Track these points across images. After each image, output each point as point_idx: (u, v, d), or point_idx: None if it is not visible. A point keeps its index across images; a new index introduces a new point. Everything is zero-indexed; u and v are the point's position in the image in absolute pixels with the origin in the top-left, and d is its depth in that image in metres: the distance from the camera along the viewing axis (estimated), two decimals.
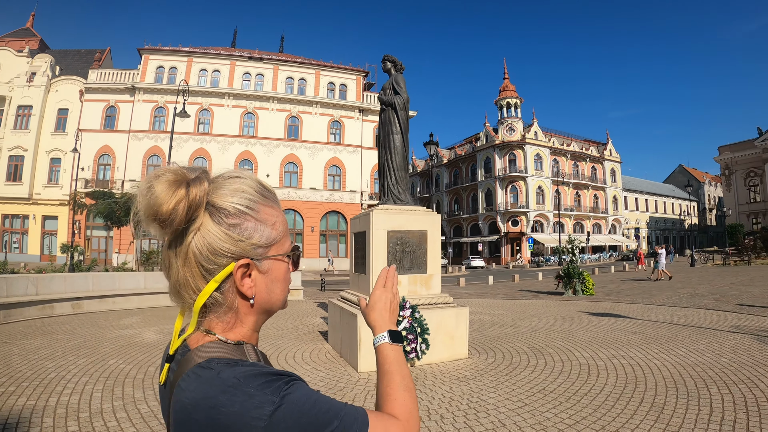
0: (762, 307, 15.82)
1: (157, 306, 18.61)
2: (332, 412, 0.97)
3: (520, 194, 73.66)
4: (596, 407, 6.35)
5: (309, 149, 55.12)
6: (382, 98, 10.32)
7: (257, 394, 0.92)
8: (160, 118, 51.30)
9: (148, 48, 53.10)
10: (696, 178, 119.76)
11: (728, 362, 8.41)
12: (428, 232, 9.58)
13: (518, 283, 32.09)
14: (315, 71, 58.00)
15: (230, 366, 0.98)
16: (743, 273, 32.68)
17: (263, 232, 1.10)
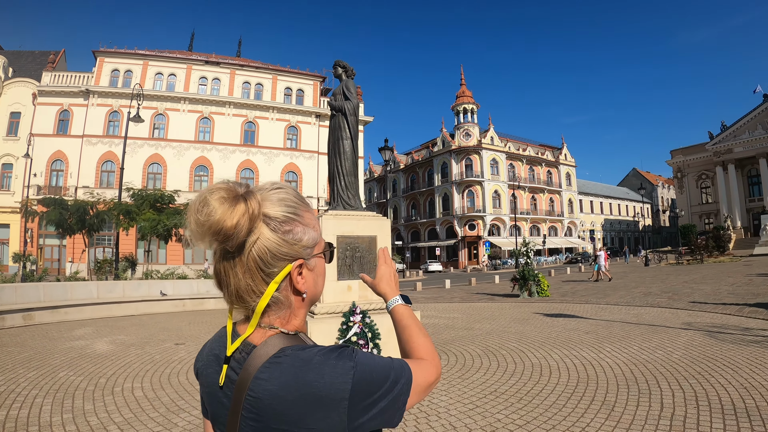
0: (713, 303, 15.99)
1: (110, 316, 18.19)
2: (387, 365, 1.17)
3: (477, 198, 74.15)
4: (547, 407, 6.28)
5: (265, 155, 54.47)
6: (333, 104, 10.17)
7: (338, 363, 1.09)
8: (114, 122, 49.74)
9: (104, 50, 51.54)
10: (649, 181, 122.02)
11: (679, 358, 8.44)
12: (378, 236, 9.47)
13: (475, 286, 32.16)
14: (272, 76, 57.45)
15: (303, 350, 1.13)
16: (696, 271, 33.14)
17: (309, 234, 1.23)
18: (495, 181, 75.88)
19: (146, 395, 7.47)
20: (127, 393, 7.59)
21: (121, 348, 11.56)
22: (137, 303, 19.54)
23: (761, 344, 9.29)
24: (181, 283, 22.08)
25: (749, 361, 7.98)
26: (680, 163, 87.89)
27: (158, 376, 8.70)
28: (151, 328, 15.06)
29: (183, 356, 10.49)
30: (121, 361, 9.94)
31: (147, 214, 28.58)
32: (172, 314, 19.22)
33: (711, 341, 9.81)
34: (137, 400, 7.23)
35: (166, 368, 9.29)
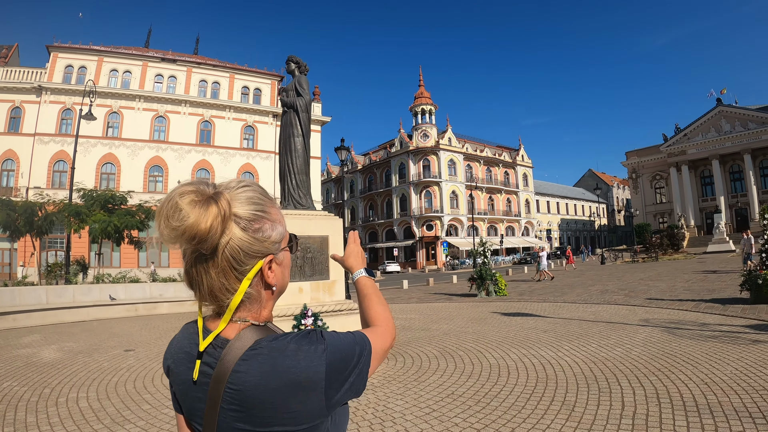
0: (669, 300, 16.13)
1: (60, 322, 17.67)
2: (352, 341, 1.25)
3: (435, 199, 74.46)
4: (506, 409, 6.09)
5: (222, 155, 53.44)
6: (284, 100, 9.87)
7: (311, 348, 1.15)
8: (67, 120, 47.71)
9: (58, 45, 49.52)
10: (605, 182, 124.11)
11: (638, 355, 8.35)
12: (330, 237, 9.23)
13: (433, 286, 32.08)
14: (229, 75, 56.46)
15: (276, 339, 1.17)
16: (651, 269, 33.66)
17: (277, 229, 1.25)
18: (452, 182, 76.29)
19: (91, 406, 7.15)
20: (72, 404, 7.27)
21: (68, 356, 11.18)
22: (88, 308, 19.02)
23: (719, 339, 9.28)
24: (133, 286, 21.59)
25: (708, 357, 7.93)
26: (635, 164, 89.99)
27: (105, 385, 8.37)
28: (101, 335, 14.64)
29: (131, 363, 10.14)
30: (67, 370, 9.59)
31: (97, 216, 27.74)
32: (124, 319, 18.75)
33: (669, 337, 9.76)
34: (81, 411, 6.91)
35: (113, 376, 8.96)
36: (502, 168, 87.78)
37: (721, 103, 74.23)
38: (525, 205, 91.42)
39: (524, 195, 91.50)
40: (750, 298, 14.09)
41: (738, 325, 10.80)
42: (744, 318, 11.67)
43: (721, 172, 74.97)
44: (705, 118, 75.77)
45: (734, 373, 6.89)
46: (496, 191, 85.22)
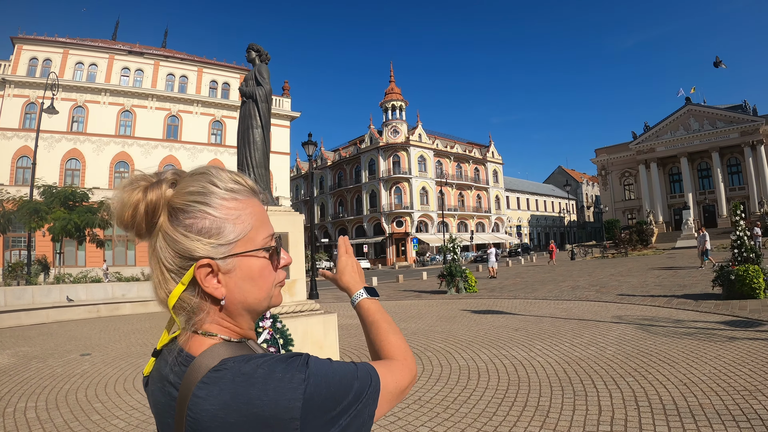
0: (641, 296, 16.01)
1: (18, 325, 17.14)
2: (350, 374, 1.00)
3: (404, 195, 74.31)
4: (476, 416, 5.75)
5: (189, 150, 52.61)
6: (243, 90, 9.41)
7: (285, 377, 0.91)
8: (31, 114, 46.08)
9: (22, 37, 48.23)
10: (574, 179, 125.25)
11: (613, 354, 8.10)
12: (290, 233, 8.78)
13: (402, 283, 31.66)
14: (197, 68, 55.47)
15: (246, 361, 0.95)
16: (621, 264, 33.83)
17: (224, 228, 1.03)
18: (423, 178, 76.21)
19: (39, 416, 6.81)
20: (19, 414, 6.93)
21: (22, 361, 10.77)
22: (48, 310, 18.46)
23: (695, 336, 9.08)
24: (94, 286, 21.02)
25: (685, 355, 7.69)
26: (604, 161, 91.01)
27: (56, 393, 7.99)
28: (59, 338, 14.20)
29: (86, 369, 9.74)
30: (19, 377, 9.21)
31: (57, 213, 26.96)
32: (84, 321, 18.21)
33: (644, 335, 9.55)
34: (28, 422, 6.56)
35: (65, 383, 8.59)
36: (472, 164, 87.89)
37: (690, 102, 75.27)
38: (495, 201, 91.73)
39: (494, 191, 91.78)
40: (722, 293, 14.01)
41: (712, 321, 10.64)
42: (718, 314, 11.53)
43: (689, 169, 76.07)
44: (674, 116, 76.85)
45: (713, 372, 6.66)
46: (467, 187, 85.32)
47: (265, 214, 1.12)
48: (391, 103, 76.85)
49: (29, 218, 26.44)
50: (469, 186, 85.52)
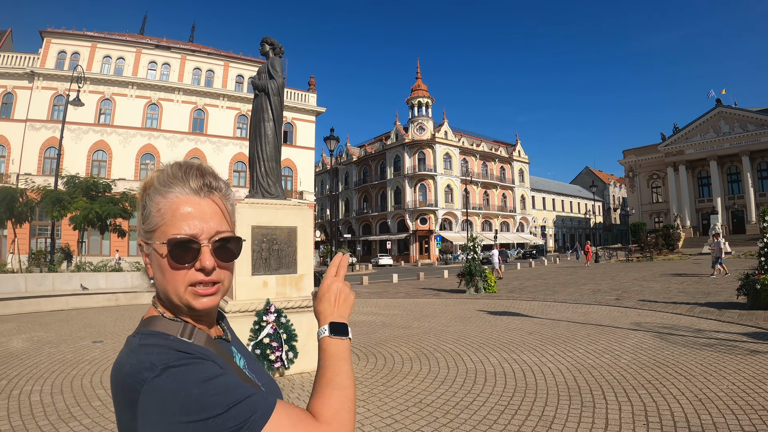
0: (663, 302, 15.62)
1: (38, 311, 17.36)
2: (225, 396, 0.96)
3: (429, 193, 73.97)
4: (476, 423, 5.53)
5: (214, 144, 52.83)
6: (256, 83, 9.32)
7: (145, 360, 0.99)
8: (59, 106, 46.20)
9: (51, 31, 48.77)
10: (601, 180, 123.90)
11: (628, 363, 7.82)
12: (299, 228, 8.64)
13: (423, 281, 31.56)
14: (224, 63, 55.66)
15: (147, 336, 1.08)
16: (645, 269, 33.28)
17: (150, 217, 1.13)
18: (448, 176, 75.93)
19: (42, 400, 6.88)
20: (24, 397, 7.00)
21: (35, 346, 10.88)
22: (68, 297, 18.64)
23: (714, 348, 8.73)
24: (115, 275, 21.09)
25: (703, 368, 7.37)
26: (632, 162, 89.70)
27: (62, 378, 8.10)
28: (75, 324, 14.30)
29: (96, 356, 9.80)
30: (30, 361, 9.35)
31: (79, 203, 27.15)
32: (102, 309, 18.34)
33: (662, 344, 9.22)
34: (32, 405, 6.66)
35: (73, 369, 8.67)
36: (498, 163, 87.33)
37: (720, 104, 73.86)
38: (520, 200, 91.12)
39: (520, 191, 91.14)
40: (747, 303, 13.57)
41: (734, 332, 10.25)
42: (741, 324, 11.14)
43: (718, 173, 74.65)
44: (704, 118, 75.39)
45: (731, 388, 6.33)
46: (492, 186, 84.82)
47: (192, 214, 1.13)
48: (417, 99, 76.41)
49: (52, 207, 26.66)
50: (494, 185, 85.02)
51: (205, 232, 1.12)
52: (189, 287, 1.11)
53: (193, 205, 1.13)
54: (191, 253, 1.10)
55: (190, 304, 1.12)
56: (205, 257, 1.11)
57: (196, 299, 1.12)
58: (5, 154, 45.77)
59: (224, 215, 1.18)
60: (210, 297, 1.13)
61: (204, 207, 1.14)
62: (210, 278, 1.12)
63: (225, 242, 1.15)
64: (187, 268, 1.11)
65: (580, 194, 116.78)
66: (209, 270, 1.11)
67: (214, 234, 1.13)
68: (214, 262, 1.12)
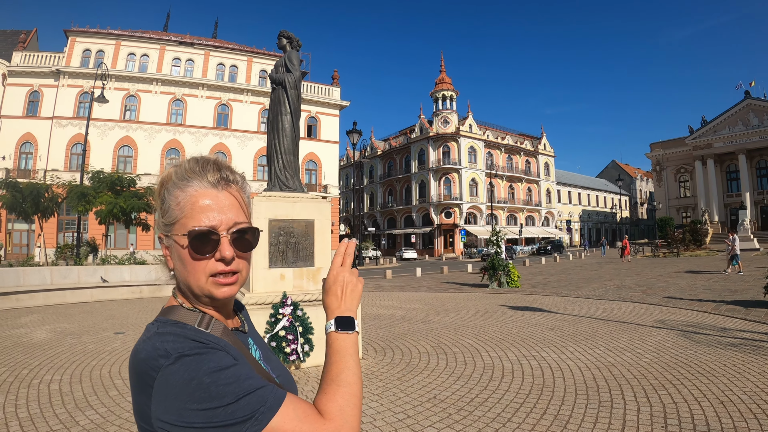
0: (688, 299, 15.33)
1: (63, 303, 17.56)
2: (235, 386, 0.99)
3: (454, 186, 73.70)
4: (489, 420, 5.45)
5: (239, 138, 53.22)
6: (273, 76, 9.33)
7: (161, 347, 1.03)
8: (85, 104, 47.25)
9: (75, 30, 49.72)
10: (628, 173, 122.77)
11: (649, 362, 7.66)
12: (316, 221, 8.62)
13: (446, 274, 31.41)
14: (247, 58, 56.06)
15: (165, 324, 1.11)
16: (672, 265, 32.80)
17: (169, 210, 1.17)
18: (472, 169, 75.47)
19: (61, 389, 7.06)
20: (43, 386, 7.18)
21: (58, 337, 11.08)
22: (92, 289, 18.90)
23: (739, 348, 8.52)
24: (138, 268, 21.34)
25: (727, 369, 7.18)
26: (659, 156, 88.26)
27: (81, 368, 8.26)
28: (98, 316, 14.49)
29: (116, 347, 9.96)
30: (52, 351, 9.54)
31: (104, 197, 27.50)
32: (126, 301, 18.58)
33: (685, 343, 9.03)
34: (50, 394, 6.83)
35: (93, 359, 8.84)
36: (523, 156, 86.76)
37: (749, 96, 72.30)
38: (546, 194, 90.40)
39: (545, 184, 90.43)
40: None
41: (761, 332, 9.98)
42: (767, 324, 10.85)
43: (747, 167, 73.14)
44: (732, 110, 73.82)
45: (754, 391, 6.13)
46: (517, 180, 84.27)
47: (210, 206, 1.17)
48: (441, 93, 76.10)
49: (77, 202, 27.00)
50: (519, 178, 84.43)
51: (224, 224, 1.16)
52: (210, 277, 1.15)
53: (211, 197, 1.17)
54: (211, 244, 1.14)
55: (212, 293, 1.15)
56: (225, 247, 1.15)
57: (217, 288, 1.16)
58: (33, 151, 46.86)
59: (241, 207, 1.22)
60: (230, 286, 1.17)
61: (222, 199, 1.18)
62: (229, 268, 1.16)
63: (243, 233, 1.19)
64: (208, 258, 1.15)
65: (606, 188, 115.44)
66: (229, 260, 1.15)
67: (233, 225, 1.17)
68: (234, 252, 1.16)
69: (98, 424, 5.60)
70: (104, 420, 5.75)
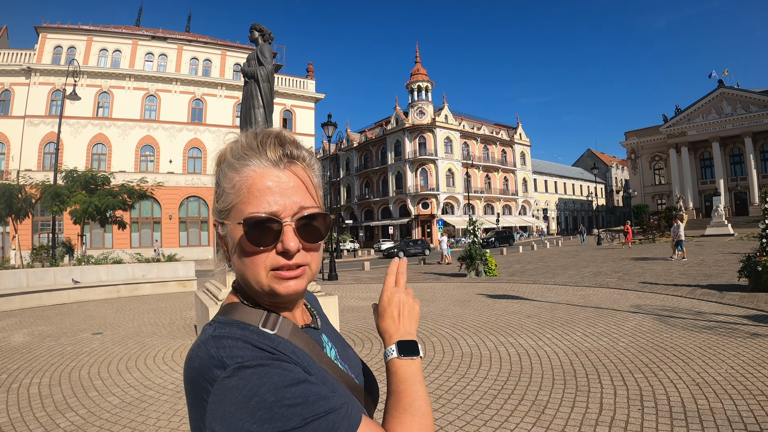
0: (664, 284, 15.54)
1: (40, 305, 17.34)
2: (303, 408, 0.85)
3: (431, 177, 73.86)
4: (468, 408, 5.51)
5: (214, 133, 52.75)
6: (245, 70, 9.34)
7: (216, 356, 0.90)
8: (57, 101, 46.37)
9: (46, 26, 48.88)
10: (604, 162, 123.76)
11: (625, 346, 7.77)
12: None
13: (424, 265, 31.73)
14: (221, 52, 55.64)
15: (223, 325, 0.99)
16: (647, 251, 33.21)
17: (224, 195, 1.05)
18: (449, 160, 75.67)
19: (40, 392, 7.00)
20: (23, 390, 7.12)
21: (36, 340, 10.94)
22: (69, 290, 18.65)
23: (714, 331, 8.66)
24: (115, 268, 21.10)
25: (702, 351, 7.31)
26: (634, 144, 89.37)
27: (60, 370, 8.17)
28: (76, 317, 14.33)
29: (95, 347, 9.86)
30: (30, 355, 9.42)
31: (78, 197, 27.26)
32: (104, 301, 18.39)
33: (661, 326, 9.16)
34: (30, 397, 6.77)
35: (72, 361, 8.75)
36: (499, 146, 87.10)
37: (722, 85, 73.24)
38: (522, 184, 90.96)
39: (522, 174, 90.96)
40: (748, 285, 13.45)
41: (735, 315, 10.14)
42: (741, 307, 11.03)
43: (721, 154, 74.18)
44: (706, 99, 74.80)
45: (729, 372, 6.25)
46: (493, 170, 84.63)
47: (271, 188, 1.01)
48: (416, 84, 76.05)
49: (51, 202, 26.74)
50: (495, 168, 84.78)
51: (288, 209, 1.01)
52: (271, 271, 1.01)
53: (272, 178, 1.02)
54: (271, 234, 1.00)
55: (274, 289, 1.01)
56: (288, 238, 1.00)
57: (280, 283, 1.01)
58: (4, 151, 46.30)
59: (308, 189, 1.06)
60: (295, 280, 1.02)
61: (285, 180, 1.03)
62: (294, 261, 1.01)
63: (310, 219, 1.03)
64: (268, 250, 1.01)
65: (582, 177, 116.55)
66: (293, 252, 1.00)
67: (298, 210, 1.02)
68: (299, 244, 1.01)
69: (78, 426, 5.58)
70: (84, 421, 5.71)
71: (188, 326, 11.88)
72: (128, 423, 5.60)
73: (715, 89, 73.78)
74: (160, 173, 49.07)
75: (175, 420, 5.62)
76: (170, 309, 15.19)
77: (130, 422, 5.62)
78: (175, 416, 5.74)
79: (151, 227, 49.82)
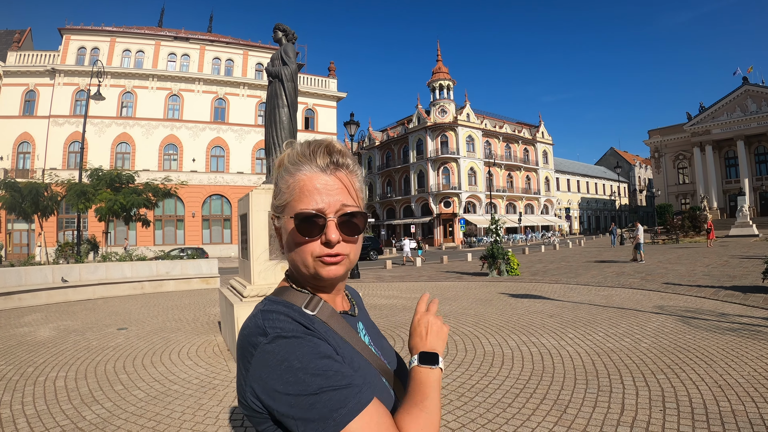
0: (687, 285, 15.37)
1: (65, 301, 17.54)
2: (323, 378, 1.02)
3: (452, 176, 73.42)
4: (490, 406, 5.51)
5: (236, 132, 53.23)
6: (269, 70, 9.37)
7: (261, 325, 1.10)
8: (81, 102, 47.45)
9: (70, 28, 49.69)
10: (627, 161, 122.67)
11: (648, 347, 7.71)
12: None
13: (446, 264, 31.40)
14: (243, 51, 55.99)
15: (271, 302, 1.19)
16: (671, 251, 32.85)
17: (280, 193, 1.25)
18: (471, 158, 75.17)
19: (66, 386, 7.04)
20: (49, 383, 7.18)
21: (62, 334, 11.03)
22: (95, 286, 18.86)
23: (737, 332, 8.56)
24: (139, 264, 21.29)
25: (725, 353, 7.23)
26: (658, 143, 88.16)
27: (86, 364, 8.22)
28: (101, 313, 14.46)
29: (120, 342, 9.95)
30: (56, 349, 9.49)
31: (103, 195, 27.56)
32: (128, 297, 18.56)
33: (684, 328, 9.08)
34: (56, 390, 6.83)
35: (98, 356, 8.80)
36: (521, 145, 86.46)
37: (747, 82, 72.07)
38: (545, 182, 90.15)
39: (544, 173, 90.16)
40: None
41: (759, 317, 10.00)
42: (766, 309, 10.86)
43: (746, 153, 72.97)
44: (730, 97, 73.61)
45: (752, 375, 6.17)
46: (515, 168, 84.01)
47: (318, 190, 1.20)
48: (438, 82, 75.67)
49: (77, 200, 27.05)
50: (518, 167, 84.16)
51: (331, 207, 1.19)
52: (316, 258, 1.19)
53: (319, 181, 1.21)
54: (317, 228, 1.18)
55: (318, 272, 1.20)
56: (331, 231, 1.18)
57: (322, 267, 1.20)
58: (30, 151, 47.06)
59: (350, 191, 1.24)
60: (336, 266, 1.20)
61: (330, 183, 1.21)
62: (335, 251, 1.19)
63: (350, 216, 1.21)
64: (314, 241, 1.19)
65: (605, 176, 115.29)
66: (334, 243, 1.18)
67: (340, 208, 1.20)
68: (339, 236, 1.20)
69: (105, 419, 5.62)
70: (111, 414, 5.77)
71: (212, 322, 11.96)
72: (153, 416, 5.65)
73: (739, 87, 72.57)
74: (183, 172, 49.44)
75: (200, 414, 5.67)
76: (194, 305, 15.32)
77: (156, 415, 5.68)
78: (200, 410, 5.79)
79: (174, 225, 50.22)
